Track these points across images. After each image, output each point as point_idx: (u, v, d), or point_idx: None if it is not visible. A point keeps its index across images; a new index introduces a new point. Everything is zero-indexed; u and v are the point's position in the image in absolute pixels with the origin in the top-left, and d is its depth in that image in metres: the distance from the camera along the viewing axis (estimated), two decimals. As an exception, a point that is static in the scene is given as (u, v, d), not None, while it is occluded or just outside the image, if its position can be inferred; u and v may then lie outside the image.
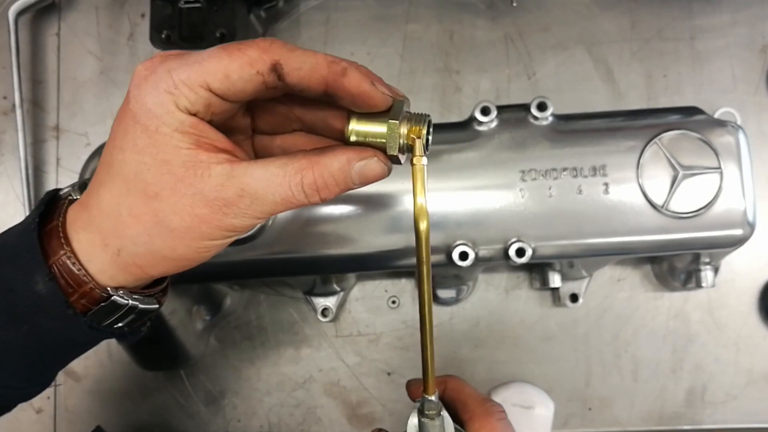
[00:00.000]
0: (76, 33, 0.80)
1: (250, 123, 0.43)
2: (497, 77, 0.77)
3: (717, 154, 0.58)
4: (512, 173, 0.58)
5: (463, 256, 0.57)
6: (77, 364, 0.76)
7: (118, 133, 0.38)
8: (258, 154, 0.44)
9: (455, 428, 0.46)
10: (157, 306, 0.43)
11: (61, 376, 0.76)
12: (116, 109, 0.37)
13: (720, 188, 0.57)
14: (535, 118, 0.59)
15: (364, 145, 0.40)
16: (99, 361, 0.76)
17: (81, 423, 0.75)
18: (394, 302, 0.76)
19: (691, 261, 0.67)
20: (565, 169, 0.58)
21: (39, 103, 0.79)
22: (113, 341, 0.70)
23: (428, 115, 0.40)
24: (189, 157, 0.37)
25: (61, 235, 0.39)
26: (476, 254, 0.57)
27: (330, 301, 0.73)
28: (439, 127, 0.62)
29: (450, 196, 0.58)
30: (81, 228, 0.40)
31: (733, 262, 0.74)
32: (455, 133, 0.60)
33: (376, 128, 0.39)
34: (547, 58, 0.77)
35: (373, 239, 0.58)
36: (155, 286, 0.44)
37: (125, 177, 0.37)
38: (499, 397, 0.72)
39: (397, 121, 0.39)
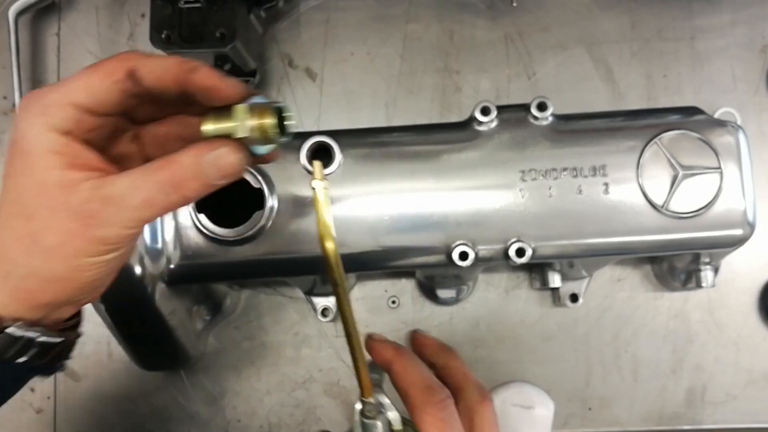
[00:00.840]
0: (76, 33, 0.80)
1: (138, 150, 0.44)
2: (497, 77, 0.77)
3: (717, 154, 0.58)
4: (512, 173, 0.58)
5: (463, 256, 0.57)
6: (77, 364, 0.76)
7: (5, 162, 0.39)
8: None
9: (404, 421, 0.45)
10: (58, 340, 0.43)
11: (60, 377, 0.76)
12: (116, 109, 0.38)
13: (720, 188, 0.57)
14: (535, 118, 0.59)
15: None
16: (99, 361, 0.76)
17: (81, 423, 0.76)
18: (393, 302, 0.76)
19: (691, 261, 0.68)
20: (565, 169, 0.58)
21: (39, 103, 0.79)
22: (113, 342, 0.70)
23: (279, 103, 0.40)
24: (62, 177, 0.38)
25: None
26: (476, 254, 0.57)
27: (330, 301, 0.73)
28: (439, 127, 0.62)
29: (450, 196, 0.58)
30: None
31: (733, 262, 0.74)
32: (455, 133, 0.60)
33: (226, 118, 0.39)
34: (547, 58, 0.77)
35: (373, 239, 0.58)
36: (68, 321, 0.44)
37: (9, 201, 0.39)
38: (499, 397, 0.72)
39: (243, 105, 0.39)
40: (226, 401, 0.75)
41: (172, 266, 0.58)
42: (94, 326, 0.75)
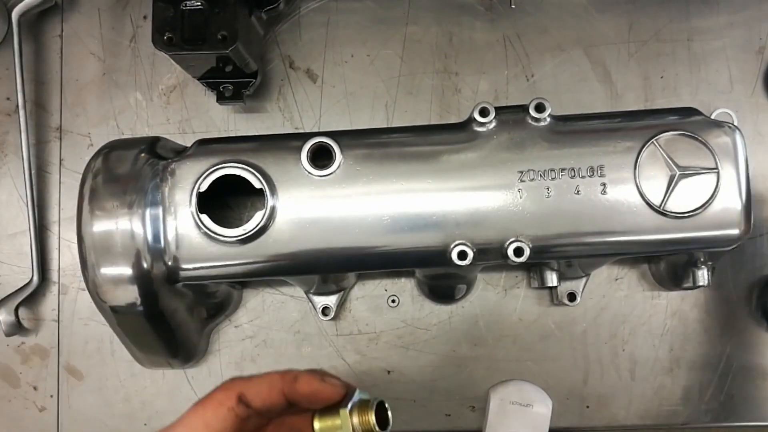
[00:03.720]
0: (79, 35, 0.80)
1: None
2: (496, 79, 0.78)
3: (714, 155, 0.58)
4: (511, 174, 0.58)
5: (462, 255, 0.57)
6: (80, 363, 0.76)
7: None
8: None
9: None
10: None
11: (64, 374, 0.76)
12: (118, 110, 0.38)
13: (717, 188, 0.58)
14: (534, 119, 0.59)
15: None
16: (102, 360, 0.76)
17: (84, 421, 0.76)
18: (393, 301, 0.76)
19: (688, 260, 0.68)
20: (563, 170, 0.58)
21: (42, 104, 0.79)
22: (116, 340, 0.71)
23: (378, 399, 0.46)
24: None
25: None
26: (475, 254, 0.57)
27: (330, 300, 0.74)
28: (438, 128, 0.63)
29: (449, 197, 0.58)
30: None
31: (730, 261, 0.75)
32: (454, 134, 0.60)
33: (335, 422, 0.46)
34: (545, 60, 0.78)
35: (373, 239, 0.59)
36: None
37: None
38: (497, 395, 0.72)
39: (347, 409, 0.45)
40: (228, 399, 0.76)
41: (174, 266, 0.59)
42: (96, 325, 0.76)
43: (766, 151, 0.76)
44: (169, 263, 0.59)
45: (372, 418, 0.45)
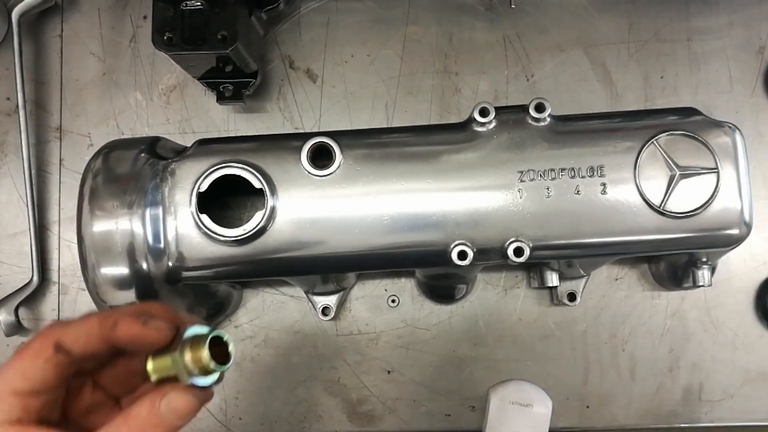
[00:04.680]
0: (79, 35, 0.80)
1: (103, 396, 0.45)
2: (496, 79, 0.78)
3: (714, 155, 0.58)
4: (511, 174, 0.58)
5: (462, 255, 0.57)
6: (80, 363, 0.76)
7: None
8: None
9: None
10: None
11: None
12: (118, 110, 0.38)
13: (717, 188, 0.58)
14: (534, 119, 0.59)
15: (167, 380, 0.41)
16: (101, 360, 0.76)
17: (84, 421, 0.76)
18: (393, 301, 0.76)
19: (688, 260, 0.68)
20: (563, 170, 0.58)
21: (42, 104, 0.79)
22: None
23: (215, 331, 0.41)
24: None
25: None
26: (475, 254, 0.57)
27: (330, 300, 0.74)
28: (438, 128, 0.63)
29: (449, 197, 0.58)
30: None
31: (729, 261, 0.75)
32: (454, 133, 0.60)
33: (166, 363, 0.41)
34: (545, 60, 0.78)
35: (373, 239, 0.59)
36: None
37: None
38: (497, 395, 0.72)
39: (176, 352, 0.40)
40: (228, 399, 0.76)
41: (174, 266, 0.59)
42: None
43: (766, 151, 0.76)
44: (169, 263, 0.59)
45: (204, 354, 0.40)
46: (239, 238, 0.57)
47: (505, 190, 0.58)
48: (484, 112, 0.59)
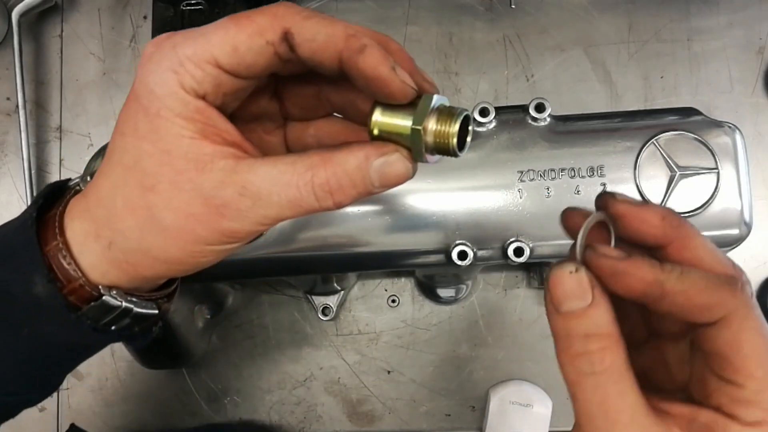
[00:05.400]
0: (79, 35, 0.80)
1: (278, 108, 0.39)
2: (496, 79, 0.78)
3: (714, 155, 0.58)
4: (510, 174, 0.58)
5: (462, 255, 0.57)
6: (80, 363, 0.76)
7: (121, 117, 0.34)
8: (291, 146, 0.40)
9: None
10: (155, 312, 0.40)
11: (64, 375, 0.76)
12: (118, 110, 0.37)
13: (717, 188, 0.58)
14: (534, 119, 0.59)
15: (389, 140, 0.34)
16: (102, 360, 0.76)
17: (84, 421, 0.76)
18: (393, 301, 0.76)
19: (688, 260, 0.68)
20: (563, 170, 0.58)
21: (42, 104, 0.79)
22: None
23: (464, 111, 0.34)
24: (191, 148, 0.32)
25: (57, 224, 0.36)
26: (475, 254, 0.57)
27: (330, 300, 0.74)
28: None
29: (449, 197, 0.58)
30: (76, 216, 0.36)
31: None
32: (454, 134, 0.60)
33: (399, 124, 0.34)
34: (545, 60, 0.78)
35: (373, 239, 0.59)
36: (161, 290, 0.40)
37: (125, 165, 0.34)
38: (497, 395, 0.72)
39: (420, 126, 0.33)
40: (228, 399, 0.76)
41: (174, 266, 0.59)
42: (96, 325, 0.76)
43: (766, 151, 0.76)
44: (169, 263, 0.58)
45: (455, 129, 0.33)
46: (239, 238, 0.57)
47: (505, 190, 0.58)
48: (484, 112, 0.59)
